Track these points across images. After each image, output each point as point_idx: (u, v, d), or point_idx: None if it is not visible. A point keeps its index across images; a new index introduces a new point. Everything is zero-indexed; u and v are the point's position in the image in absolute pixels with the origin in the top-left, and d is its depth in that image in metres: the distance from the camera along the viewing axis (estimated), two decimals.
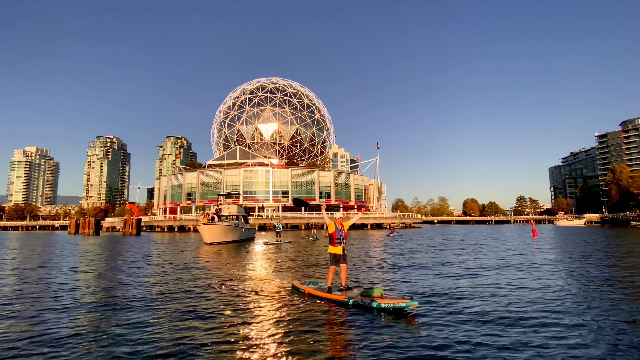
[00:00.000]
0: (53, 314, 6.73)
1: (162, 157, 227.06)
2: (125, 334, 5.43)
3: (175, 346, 4.88)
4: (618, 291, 8.31)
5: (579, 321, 5.90)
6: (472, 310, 6.65)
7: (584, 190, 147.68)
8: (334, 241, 7.81)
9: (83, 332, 5.58)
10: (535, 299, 7.52)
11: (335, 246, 7.78)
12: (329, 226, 7.88)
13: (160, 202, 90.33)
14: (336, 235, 7.80)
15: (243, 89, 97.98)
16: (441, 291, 8.42)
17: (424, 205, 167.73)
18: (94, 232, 58.82)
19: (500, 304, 7.15)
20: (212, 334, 5.44)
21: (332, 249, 7.85)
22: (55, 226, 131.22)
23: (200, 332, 5.50)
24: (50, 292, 8.92)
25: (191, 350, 4.73)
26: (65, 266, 14.61)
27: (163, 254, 19.84)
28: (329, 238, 7.97)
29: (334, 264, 7.82)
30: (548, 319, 6.03)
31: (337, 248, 7.75)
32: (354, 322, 5.97)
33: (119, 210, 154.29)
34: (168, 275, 11.54)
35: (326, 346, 4.89)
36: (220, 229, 27.79)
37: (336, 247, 7.76)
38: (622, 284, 9.25)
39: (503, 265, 13.28)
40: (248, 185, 79.30)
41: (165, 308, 7.07)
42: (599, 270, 11.59)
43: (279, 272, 12.04)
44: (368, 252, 19.38)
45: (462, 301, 7.39)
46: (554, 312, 6.45)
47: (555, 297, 7.70)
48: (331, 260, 7.85)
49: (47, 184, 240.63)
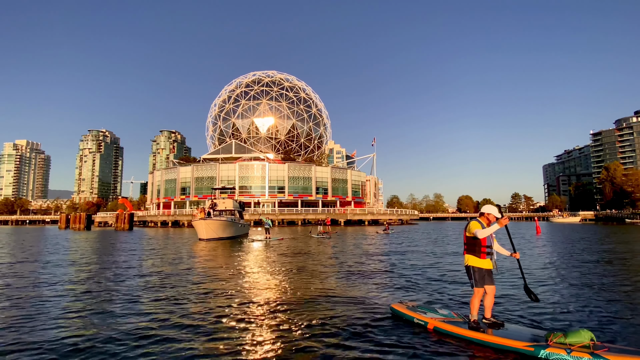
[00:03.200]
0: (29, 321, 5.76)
1: (156, 152, 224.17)
2: (115, 342, 4.65)
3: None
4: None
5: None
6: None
7: (578, 187, 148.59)
8: (481, 250, 5.12)
9: (71, 337, 4.94)
10: None
11: (483, 258, 5.11)
12: (472, 226, 5.11)
13: (154, 197, 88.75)
14: (486, 241, 5.14)
15: (239, 82, 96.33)
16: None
17: (419, 202, 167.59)
18: (85, 227, 57.49)
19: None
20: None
21: (478, 262, 5.13)
22: (46, 221, 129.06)
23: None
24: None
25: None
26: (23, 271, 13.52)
27: (156, 252, 18.81)
28: (467, 245, 5.23)
29: (481, 284, 5.10)
30: None
31: (486, 261, 5.12)
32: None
33: (112, 205, 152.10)
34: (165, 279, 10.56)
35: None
36: (218, 224, 26.47)
37: (484, 260, 5.11)
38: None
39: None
40: (244, 180, 78.07)
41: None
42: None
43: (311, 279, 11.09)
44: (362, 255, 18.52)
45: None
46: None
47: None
48: (477, 278, 5.10)
49: (38, 178, 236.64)
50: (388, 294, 7.65)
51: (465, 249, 5.27)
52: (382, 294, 7.66)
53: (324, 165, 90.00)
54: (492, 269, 5.15)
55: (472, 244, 5.15)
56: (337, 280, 9.51)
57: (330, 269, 11.65)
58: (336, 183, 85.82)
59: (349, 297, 7.31)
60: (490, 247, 5.14)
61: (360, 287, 8.42)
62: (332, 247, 20.12)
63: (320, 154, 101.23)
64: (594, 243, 21.65)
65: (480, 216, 5.26)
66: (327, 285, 8.71)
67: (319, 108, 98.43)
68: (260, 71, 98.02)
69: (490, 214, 5.15)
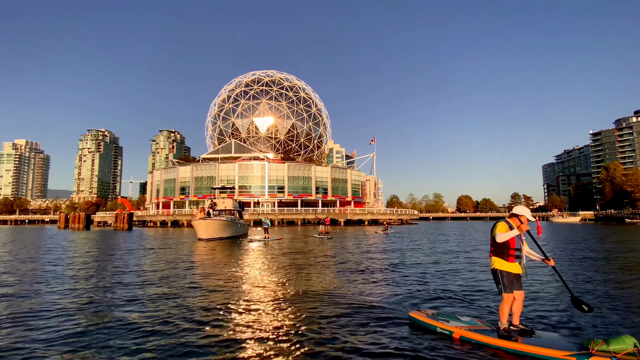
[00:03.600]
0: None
1: (155, 151, 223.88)
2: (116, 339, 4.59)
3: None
4: None
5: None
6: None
7: (578, 187, 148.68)
8: (509, 253, 4.78)
9: (71, 334, 4.98)
10: None
11: (511, 261, 4.77)
12: (498, 228, 4.81)
13: (153, 197, 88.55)
14: (515, 244, 4.79)
15: (238, 82, 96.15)
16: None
17: (419, 202, 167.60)
18: (84, 226, 57.36)
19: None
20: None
21: (506, 266, 4.78)
22: (45, 220, 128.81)
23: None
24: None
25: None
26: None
27: (155, 252, 18.64)
28: (494, 247, 4.90)
29: (510, 290, 4.75)
30: None
31: (515, 265, 4.78)
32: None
33: (111, 205, 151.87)
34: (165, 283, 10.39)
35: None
36: (218, 224, 26.23)
37: (513, 264, 4.77)
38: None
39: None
40: (243, 179, 77.88)
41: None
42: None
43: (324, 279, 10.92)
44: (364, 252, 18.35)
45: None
46: None
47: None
48: (506, 283, 4.75)
49: (37, 178, 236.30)
50: (401, 300, 7.26)
51: (492, 251, 4.92)
52: (398, 300, 7.28)
53: (323, 165, 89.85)
54: (520, 273, 4.81)
55: (500, 247, 4.81)
56: (345, 282, 9.33)
57: (333, 270, 11.49)
58: (336, 183, 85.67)
59: (363, 303, 6.93)
60: (519, 250, 4.77)
61: (372, 292, 8.13)
62: (332, 247, 19.96)
63: (320, 154, 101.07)
64: (609, 243, 21.52)
65: (510, 217, 4.92)
66: (333, 287, 8.54)
67: (318, 108, 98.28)
68: (260, 71, 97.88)
69: (522, 215, 4.79)
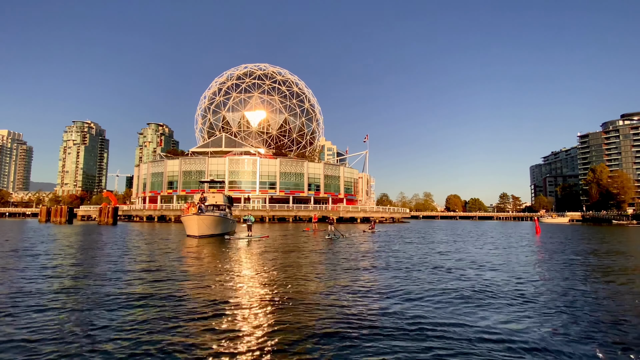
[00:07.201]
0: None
1: (143, 145, 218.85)
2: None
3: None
4: None
5: None
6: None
7: (565, 189, 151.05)
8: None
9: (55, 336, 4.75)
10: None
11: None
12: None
13: (140, 191, 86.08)
14: None
15: (230, 74, 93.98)
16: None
17: (409, 200, 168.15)
18: (66, 220, 55.11)
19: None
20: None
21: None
22: (27, 213, 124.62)
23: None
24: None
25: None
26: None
27: (140, 249, 17.37)
28: None
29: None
30: None
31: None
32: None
33: (96, 199, 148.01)
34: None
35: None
36: (211, 220, 24.46)
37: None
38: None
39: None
40: (234, 174, 76.23)
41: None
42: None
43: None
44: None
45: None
46: None
47: None
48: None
49: (20, 169, 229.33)
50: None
51: None
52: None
53: (316, 162, 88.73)
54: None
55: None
56: (332, 283, 8.36)
57: (324, 271, 10.50)
58: (329, 180, 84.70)
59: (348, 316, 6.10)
60: None
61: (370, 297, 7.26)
62: (330, 248, 18.97)
63: (313, 150, 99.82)
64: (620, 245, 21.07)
65: None
66: (313, 289, 7.56)
67: (311, 103, 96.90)
68: (252, 64, 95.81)
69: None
